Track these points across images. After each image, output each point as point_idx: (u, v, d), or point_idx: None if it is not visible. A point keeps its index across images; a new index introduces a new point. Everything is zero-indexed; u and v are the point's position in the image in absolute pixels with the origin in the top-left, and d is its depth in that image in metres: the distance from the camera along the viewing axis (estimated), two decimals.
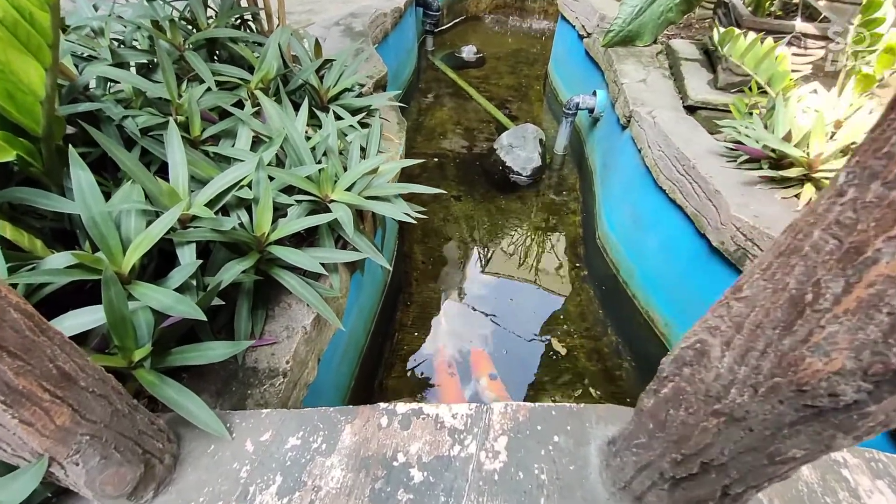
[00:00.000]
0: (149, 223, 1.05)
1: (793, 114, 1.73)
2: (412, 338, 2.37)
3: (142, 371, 0.88)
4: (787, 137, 1.68)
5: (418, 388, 2.17)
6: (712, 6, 3.56)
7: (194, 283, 1.04)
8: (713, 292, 1.91)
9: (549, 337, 2.42)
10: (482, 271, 2.80)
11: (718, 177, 1.78)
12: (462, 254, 2.92)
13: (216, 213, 1.23)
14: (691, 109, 2.42)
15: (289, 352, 1.22)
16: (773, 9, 2.32)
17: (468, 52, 5.31)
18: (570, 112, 3.39)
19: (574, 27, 3.93)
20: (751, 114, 1.97)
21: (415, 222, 1.47)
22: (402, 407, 0.87)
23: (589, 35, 3.58)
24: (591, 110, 3.30)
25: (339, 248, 1.48)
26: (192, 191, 1.25)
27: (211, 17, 1.86)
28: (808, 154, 1.63)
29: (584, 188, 3.40)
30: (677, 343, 0.61)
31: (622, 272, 2.56)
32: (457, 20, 6.21)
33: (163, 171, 1.29)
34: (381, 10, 3.55)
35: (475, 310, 2.55)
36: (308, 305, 1.30)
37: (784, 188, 1.70)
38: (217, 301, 1.02)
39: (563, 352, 2.35)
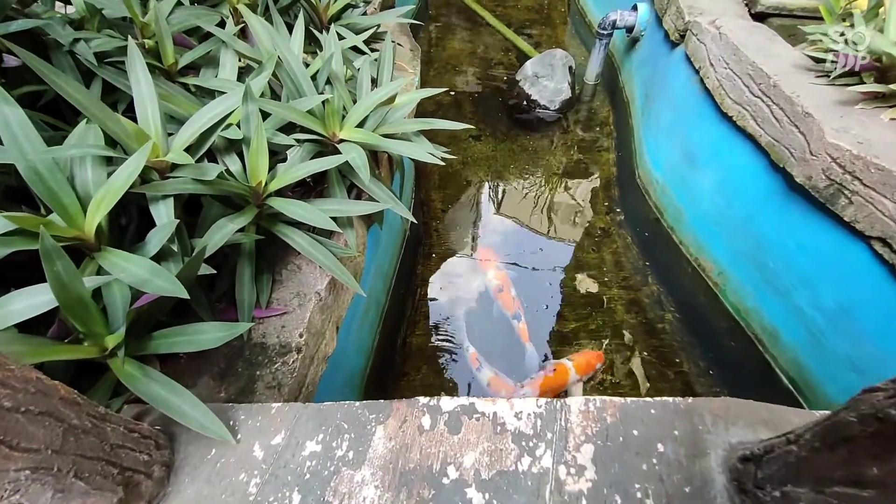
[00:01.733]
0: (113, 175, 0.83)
1: None
2: (436, 292, 2.19)
3: (116, 362, 0.70)
4: None
5: (443, 344, 2.01)
6: None
7: (176, 248, 0.82)
8: (787, 238, 1.65)
9: (583, 284, 2.21)
10: (506, 218, 2.55)
11: (807, 96, 1.46)
12: (484, 200, 2.66)
13: (200, 159, 0.99)
14: (761, 17, 2.02)
15: (302, 323, 1.03)
16: None
17: None
18: (605, 33, 2.95)
19: None
20: (850, 15, 1.59)
21: (443, 163, 1.22)
22: (447, 402, 0.67)
23: None
24: (629, 29, 2.86)
25: (353, 198, 1.24)
26: (171, 134, 1.01)
27: None
28: None
29: (619, 122, 3.04)
30: None
31: (668, 216, 2.28)
32: None
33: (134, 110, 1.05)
34: None
35: (501, 261, 2.33)
36: (320, 268, 1.09)
37: (893, 106, 1.38)
38: (206, 269, 0.81)
39: (595, 290, 2.15)
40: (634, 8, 2.79)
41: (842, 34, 1.53)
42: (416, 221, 1.26)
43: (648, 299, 2.19)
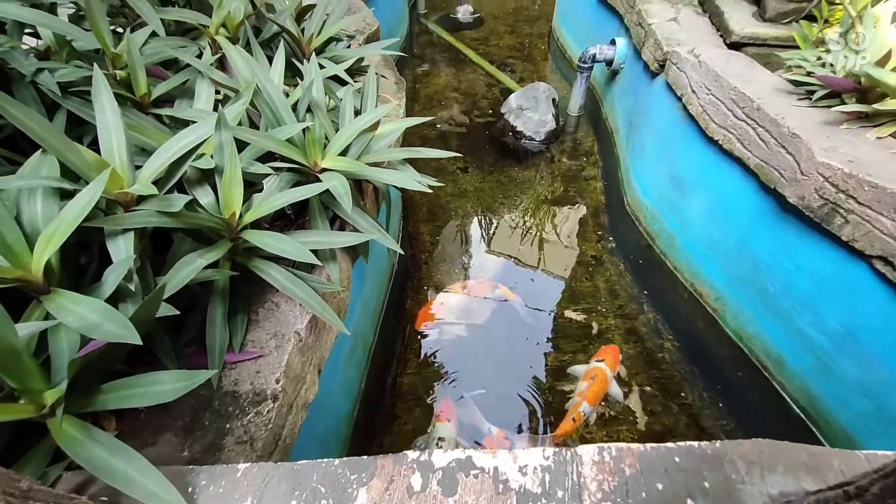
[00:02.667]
0: None
1: (885, 33, 1.40)
2: (427, 327, 2.09)
3: (54, 422, 0.60)
4: (882, 62, 1.36)
5: (437, 380, 1.90)
6: None
7: (134, 287, 0.74)
8: (784, 260, 1.62)
9: (578, 314, 2.14)
10: (497, 249, 2.50)
11: (792, 118, 1.46)
12: (473, 231, 2.61)
13: (170, 190, 0.92)
14: (736, 47, 2.08)
15: (279, 367, 0.94)
16: None
17: (464, 12, 4.88)
18: (586, 66, 3.03)
19: None
20: (822, 41, 1.63)
21: (430, 191, 1.17)
22: (440, 457, 0.58)
23: None
24: (609, 62, 2.94)
25: (337, 229, 1.18)
26: (139, 166, 0.94)
27: None
28: None
29: (604, 151, 3.07)
30: None
31: (660, 242, 2.25)
32: None
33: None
34: None
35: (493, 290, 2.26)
36: (301, 305, 1.00)
37: (877, 126, 1.39)
38: (167, 310, 0.72)
39: (590, 319, 2.07)
40: (613, 42, 2.88)
41: (819, 58, 1.56)
42: (403, 253, 1.19)
43: (646, 328, 2.12)
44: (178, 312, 0.74)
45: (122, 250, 0.74)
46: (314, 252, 0.98)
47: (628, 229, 2.49)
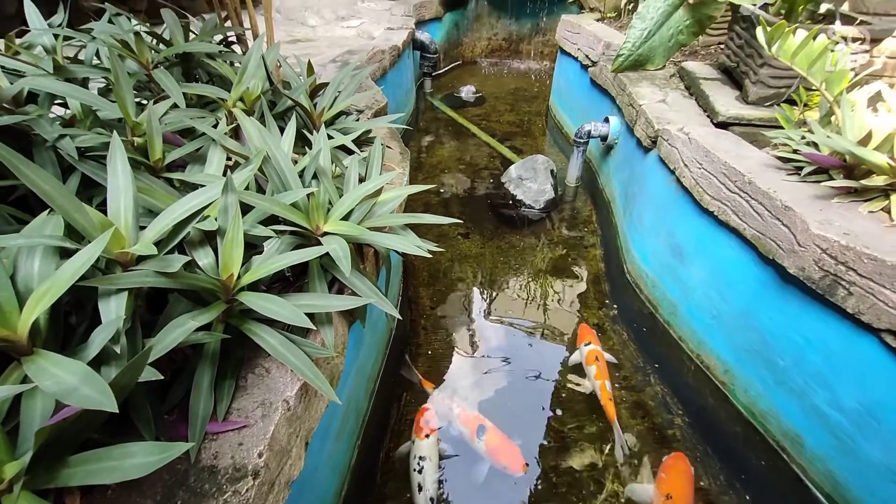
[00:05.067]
0: None
1: (862, 117, 1.48)
2: (423, 397, 2.00)
3: (9, 500, 0.55)
4: (864, 142, 1.42)
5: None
6: (718, 32, 3.47)
7: (120, 349, 0.71)
8: (791, 332, 1.58)
9: (581, 384, 2.05)
10: (497, 316, 2.46)
11: (784, 191, 1.51)
12: (473, 297, 2.59)
13: (171, 251, 0.93)
14: (723, 126, 2.20)
15: (263, 438, 0.88)
16: (801, 18, 2.15)
17: (467, 91, 5.26)
18: (582, 141, 3.19)
19: (576, 59, 3.84)
20: (804, 122, 1.73)
21: (429, 255, 1.17)
22: None
23: (594, 64, 3.46)
24: (603, 138, 3.11)
25: (335, 293, 1.17)
26: (143, 227, 0.96)
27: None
28: (892, 159, 1.36)
29: (602, 220, 3.14)
30: None
31: (662, 310, 2.22)
32: (453, 64, 6.25)
33: None
34: (379, 47, 3.45)
35: (490, 359, 2.19)
36: (292, 371, 0.97)
37: (867, 200, 1.42)
38: (151, 374, 0.69)
39: (592, 397, 1.97)
40: (606, 120, 3.06)
41: (803, 137, 1.65)
42: (401, 318, 1.17)
43: (653, 401, 2.03)
44: (163, 377, 0.71)
45: (113, 310, 0.72)
46: (310, 315, 0.96)
47: (630, 297, 2.47)
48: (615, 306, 2.48)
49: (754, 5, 2.33)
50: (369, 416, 1.78)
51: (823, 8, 2.22)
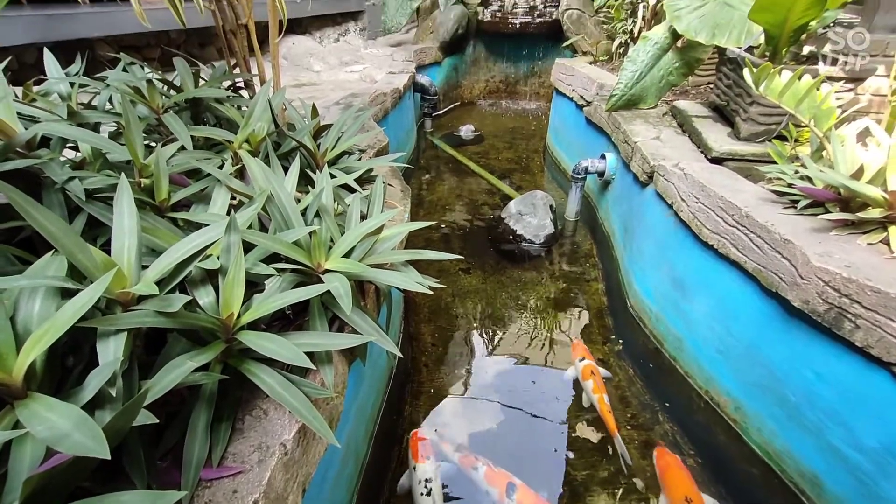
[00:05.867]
0: None
1: (853, 151, 1.52)
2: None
3: None
4: (856, 175, 1.45)
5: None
6: (707, 73, 3.61)
7: (116, 392, 0.70)
8: (801, 366, 1.54)
9: (589, 425, 1.98)
10: (500, 352, 2.42)
11: (781, 224, 1.52)
12: (475, 333, 2.56)
13: (172, 290, 0.93)
14: (717, 162, 2.25)
15: (259, 485, 0.84)
16: (785, 59, 2.25)
17: (466, 131, 5.41)
18: (579, 177, 3.25)
19: (571, 99, 3.98)
20: (796, 157, 1.77)
21: (430, 292, 1.17)
22: None
23: (589, 103, 3.58)
24: (600, 174, 3.17)
25: (335, 331, 1.16)
26: (146, 266, 0.96)
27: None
28: (886, 192, 1.38)
29: (602, 254, 3.14)
30: None
31: (668, 345, 2.19)
32: (453, 105, 6.47)
33: None
34: (381, 90, 3.59)
35: (494, 397, 2.13)
36: (290, 413, 0.94)
37: (865, 232, 1.43)
38: (146, 418, 0.67)
39: (603, 431, 1.90)
40: (603, 156, 3.13)
41: (796, 171, 1.68)
42: (402, 356, 1.15)
43: (663, 441, 1.96)
44: (158, 421, 0.69)
45: (112, 352, 0.72)
46: (310, 354, 0.95)
47: (634, 332, 2.44)
48: (620, 341, 2.44)
49: (739, 48, 2.43)
50: (369, 459, 1.72)
51: (806, 50, 2.32)
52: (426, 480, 1.59)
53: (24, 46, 2.97)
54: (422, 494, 1.57)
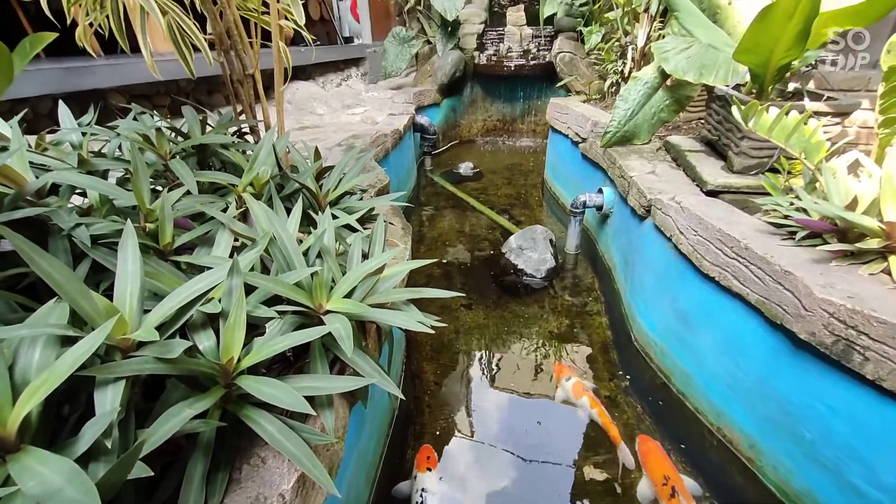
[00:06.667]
0: None
1: (846, 183, 1.54)
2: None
3: None
4: (851, 206, 1.47)
5: None
6: (697, 109, 3.73)
7: (111, 443, 0.68)
8: (813, 400, 1.50)
9: (598, 467, 1.91)
10: (504, 391, 2.37)
11: (781, 256, 1.52)
12: (479, 370, 2.51)
13: (172, 335, 0.93)
14: (712, 194, 2.28)
15: None
16: (771, 96, 2.33)
17: (465, 168, 5.53)
18: (578, 211, 3.29)
19: (567, 136, 4.09)
20: (790, 189, 1.80)
21: (432, 331, 1.16)
22: None
23: (584, 140, 3.68)
24: (598, 207, 3.21)
25: (336, 373, 1.14)
26: (148, 310, 0.96)
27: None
28: (882, 222, 1.39)
29: (604, 287, 3.13)
30: None
31: (676, 380, 2.14)
32: (452, 143, 6.65)
33: None
34: (382, 131, 3.70)
35: (501, 439, 2.07)
36: (289, 460, 0.91)
37: (866, 263, 1.43)
38: (141, 471, 0.66)
39: (613, 473, 1.82)
40: (600, 191, 3.18)
41: (791, 203, 1.70)
42: (404, 398, 1.13)
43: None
44: (153, 473, 0.67)
45: (109, 401, 0.71)
46: (310, 398, 0.93)
47: (641, 367, 2.39)
48: (627, 377, 2.39)
49: (727, 86, 2.53)
50: None
51: (791, 87, 2.41)
52: (423, 490, 1.63)
53: (40, 97, 3.10)
54: (417, 503, 1.61)
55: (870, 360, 1.25)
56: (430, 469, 1.72)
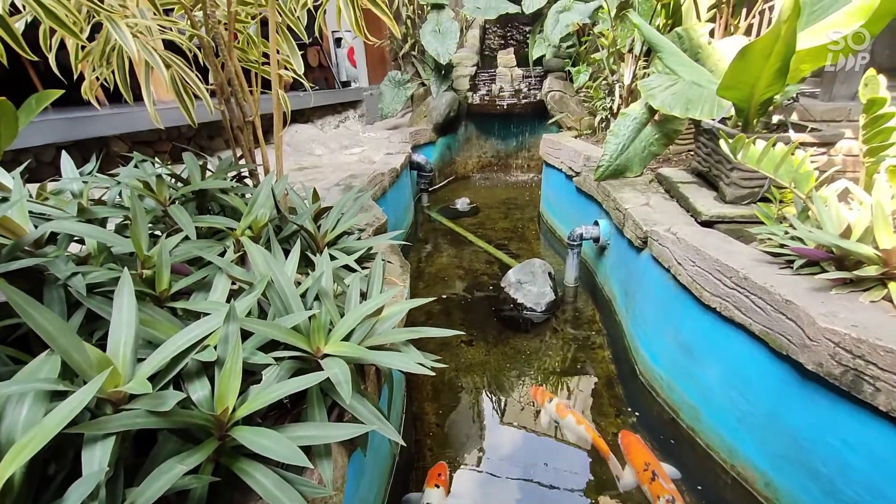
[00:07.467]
0: None
1: (838, 211, 1.56)
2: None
3: None
4: (845, 234, 1.48)
5: None
6: (686, 141, 3.83)
7: (95, 502, 0.65)
8: (827, 434, 1.45)
9: None
10: (508, 430, 2.29)
11: (781, 285, 1.52)
12: (481, 410, 2.44)
13: (166, 385, 0.90)
14: (707, 225, 2.30)
15: None
16: (757, 128, 2.40)
17: (462, 203, 5.60)
18: (575, 244, 3.31)
19: (560, 170, 4.17)
20: (784, 218, 1.82)
21: (433, 373, 1.13)
22: None
23: (578, 174, 3.75)
24: (595, 240, 3.23)
25: (335, 419, 1.11)
26: (142, 359, 0.94)
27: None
28: (878, 249, 1.40)
29: (606, 319, 3.10)
30: None
31: (684, 415, 2.08)
32: (448, 180, 6.76)
33: None
34: (379, 170, 3.77)
35: (507, 483, 1.98)
36: None
37: (866, 290, 1.43)
38: None
39: None
40: (596, 223, 3.21)
41: (786, 232, 1.71)
42: (405, 444, 1.09)
43: None
44: None
45: (97, 461, 0.68)
46: (307, 448, 0.90)
47: (647, 401, 2.33)
48: (636, 413, 2.32)
49: (713, 120, 2.60)
50: None
51: (775, 119, 2.49)
52: None
53: (44, 146, 3.17)
54: None
55: (881, 390, 1.22)
56: (437, 486, 1.77)
